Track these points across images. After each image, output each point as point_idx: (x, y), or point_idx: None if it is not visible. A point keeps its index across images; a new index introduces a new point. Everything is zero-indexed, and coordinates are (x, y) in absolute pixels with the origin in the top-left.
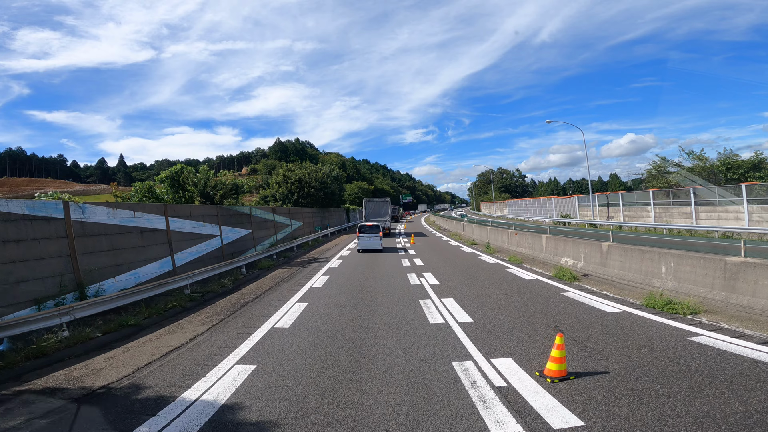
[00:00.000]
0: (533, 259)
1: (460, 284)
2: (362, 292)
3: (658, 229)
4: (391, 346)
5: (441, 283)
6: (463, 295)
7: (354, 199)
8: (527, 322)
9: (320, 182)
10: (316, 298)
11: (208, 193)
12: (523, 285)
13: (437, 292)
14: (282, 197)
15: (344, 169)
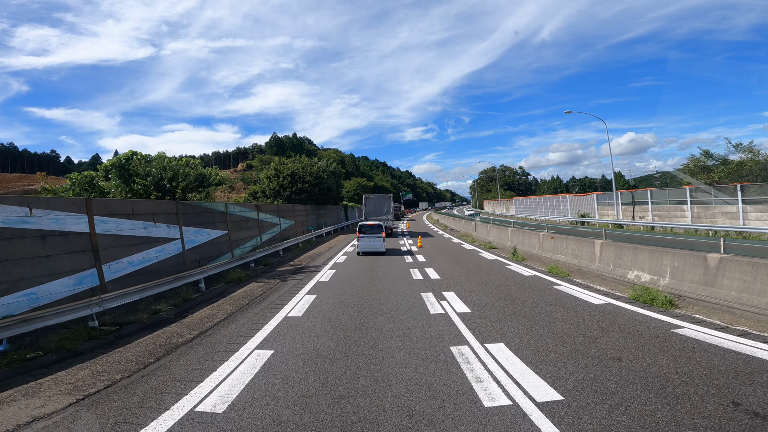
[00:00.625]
0: (583, 271)
1: (502, 312)
2: (359, 329)
3: (701, 230)
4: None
5: (474, 311)
6: (519, 339)
7: (353, 196)
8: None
9: (315, 177)
10: (287, 340)
11: (164, 185)
12: (605, 316)
13: (474, 328)
14: (273, 193)
15: (343, 165)
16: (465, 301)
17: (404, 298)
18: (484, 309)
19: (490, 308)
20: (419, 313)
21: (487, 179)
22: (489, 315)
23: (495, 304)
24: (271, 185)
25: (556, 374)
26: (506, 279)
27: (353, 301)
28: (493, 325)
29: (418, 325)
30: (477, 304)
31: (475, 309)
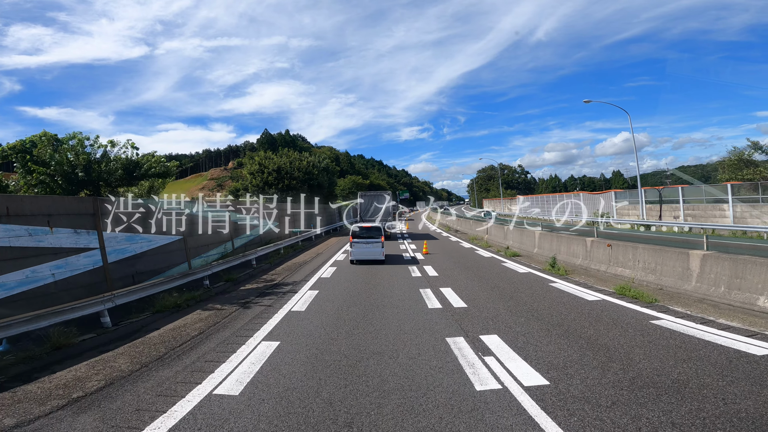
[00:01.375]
0: (671, 294)
1: (616, 394)
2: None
3: (749, 232)
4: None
5: (557, 383)
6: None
7: (347, 194)
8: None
9: (305, 173)
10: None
11: (76, 176)
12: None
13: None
14: (256, 190)
15: (338, 163)
16: (527, 358)
17: (423, 354)
18: (572, 380)
19: (582, 378)
20: (456, 394)
21: (486, 178)
22: (593, 397)
23: (586, 367)
24: (254, 182)
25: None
26: (567, 307)
27: (337, 358)
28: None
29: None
30: (551, 364)
31: (558, 378)
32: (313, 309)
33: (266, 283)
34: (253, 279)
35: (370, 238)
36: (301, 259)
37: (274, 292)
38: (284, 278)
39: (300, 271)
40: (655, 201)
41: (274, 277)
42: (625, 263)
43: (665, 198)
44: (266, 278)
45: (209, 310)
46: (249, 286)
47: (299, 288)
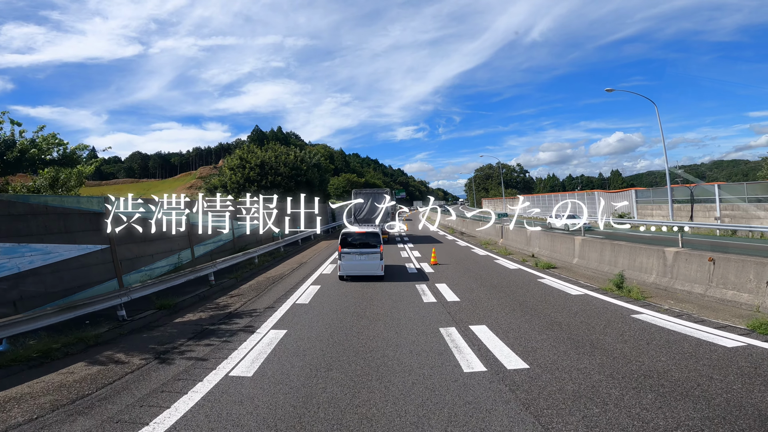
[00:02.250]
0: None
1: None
2: None
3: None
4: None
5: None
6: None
7: (342, 193)
8: None
9: (292, 168)
10: None
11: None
12: None
13: None
14: (236, 187)
15: (332, 161)
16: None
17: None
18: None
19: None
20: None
21: (484, 177)
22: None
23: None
24: (234, 177)
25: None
26: (706, 365)
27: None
28: None
29: None
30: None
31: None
32: (268, 374)
33: (216, 311)
34: (201, 304)
35: (364, 248)
36: (278, 272)
37: (221, 330)
38: (244, 304)
39: (270, 291)
40: (685, 200)
41: (232, 302)
42: (740, 285)
43: (697, 197)
44: (220, 303)
45: (97, 363)
46: (189, 317)
47: (259, 324)
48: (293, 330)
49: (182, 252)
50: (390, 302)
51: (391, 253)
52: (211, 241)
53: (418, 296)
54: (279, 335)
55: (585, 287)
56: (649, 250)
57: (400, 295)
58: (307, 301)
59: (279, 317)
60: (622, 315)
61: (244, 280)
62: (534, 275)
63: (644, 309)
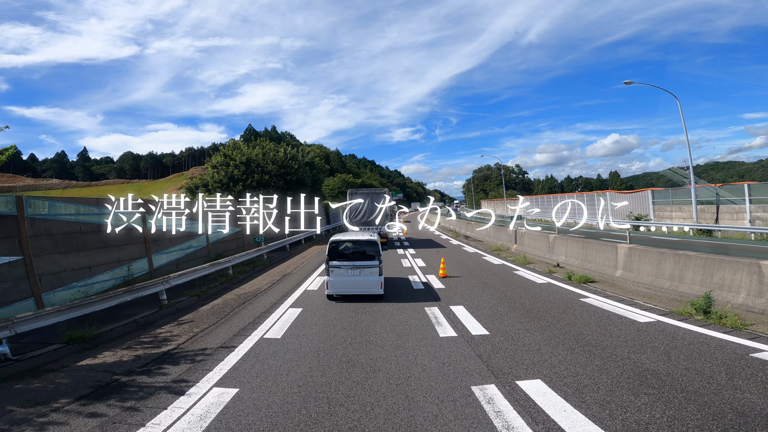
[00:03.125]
0: None
1: None
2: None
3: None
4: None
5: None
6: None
7: (337, 194)
8: None
9: (281, 166)
10: None
11: None
12: None
13: None
14: (219, 187)
15: (328, 161)
16: None
17: None
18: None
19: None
20: None
21: (482, 178)
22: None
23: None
24: (217, 176)
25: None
26: None
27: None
28: None
29: None
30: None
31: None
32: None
33: (148, 349)
34: (133, 336)
35: (359, 260)
36: (254, 287)
37: (134, 386)
38: (193, 338)
39: (235, 317)
40: (710, 201)
41: (177, 334)
42: None
43: (723, 198)
44: (160, 335)
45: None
46: (103, 358)
47: (199, 375)
48: (248, 390)
49: (135, 262)
50: (393, 337)
51: (391, 260)
52: (177, 248)
53: (430, 326)
54: (223, 400)
55: (650, 310)
56: (736, 263)
57: (407, 325)
58: (279, 335)
59: (233, 364)
60: (740, 355)
61: (208, 298)
62: (572, 292)
63: (762, 345)
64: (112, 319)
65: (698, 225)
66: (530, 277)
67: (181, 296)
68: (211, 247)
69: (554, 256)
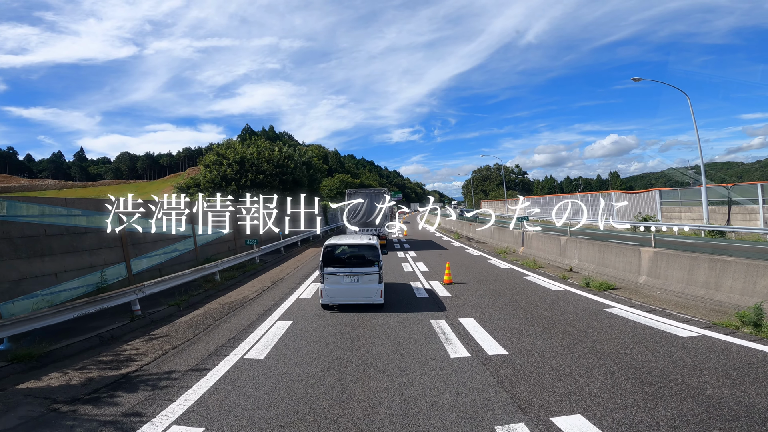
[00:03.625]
0: None
1: None
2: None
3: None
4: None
5: None
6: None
7: (336, 194)
8: None
9: (276, 165)
10: None
11: None
12: None
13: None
14: (211, 186)
15: (326, 161)
16: None
17: None
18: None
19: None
20: None
21: (481, 178)
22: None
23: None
24: (209, 176)
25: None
26: None
27: None
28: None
29: None
30: None
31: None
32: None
33: (105, 371)
34: (93, 353)
35: (357, 266)
36: (242, 294)
37: (75, 419)
38: (161, 357)
39: (216, 330)
40: (721, 202)
41: (144, 352)
42: None
43: (734, 198)
44: (123, 353)
45: None
46: (49, 380)
47: (157, 409)
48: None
49: (110, 268)
50: (396, 358)
51: (391, 264)
52: (161, 251)
53: (438, 344)
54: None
55: (688, 322)
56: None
57: (411, 343)
58: (262, 355)
59: (202, 393)
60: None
61: (189, 307)
62: (594, 301)
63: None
64: (75, 332)
65: (717, 226)
66: (543, 284)
67: (159, 306)
68: (200, 250)
69: (566, 260)
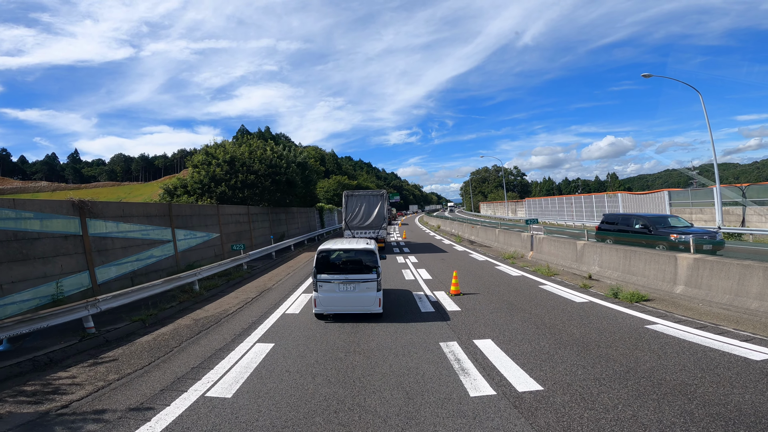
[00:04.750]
0: None
1: None
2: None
3: None
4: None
5: None
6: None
7: (332, 196)
8: None
9: (269, 166)
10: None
11: None
12: None
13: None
14: (199, 188)
15: (323, 163)
16: None
17: None
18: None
19: None
20: None
21: (480, 180)
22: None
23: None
24: (197, 176)
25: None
26: None
27: None
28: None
29: None
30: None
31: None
32: None
33: (19, 407)
34: (15, 382)
35: (353, 273)
36: (221, 307)
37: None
38: (101, 389)
39: (179, 356)
40: (735, 203)
41: (81, 382)
42: None
43: (749, 199)
44: (53, 384)
45: None
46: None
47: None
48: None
49: (69, 277)
50: (401, 397)
51: (391, 270)
52: (133, 258)
53: (453, 376)
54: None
55: (751, 340)
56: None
57: (419, 375)
58: (230, 392)
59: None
60: None
61: (156, 324)
62: (629, 316)
63: None
64: (11, 354)
65: (738, 228)
66: (563, 294)
67: (120, 322)
68: (182, 255)
69: (584, 267)
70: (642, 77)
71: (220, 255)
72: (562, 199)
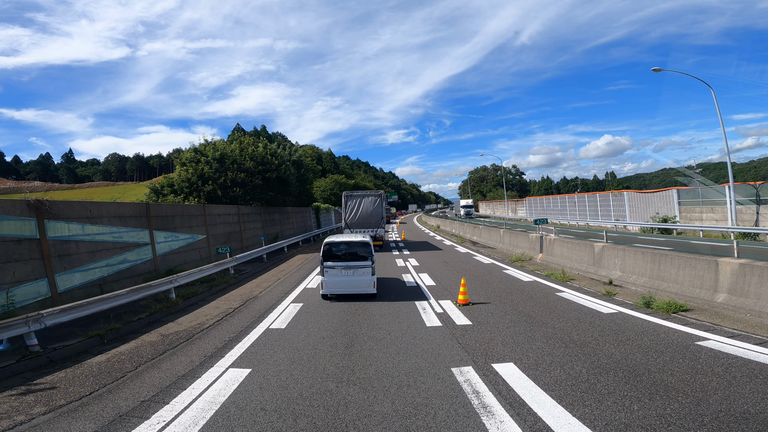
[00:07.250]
0: None
1: None
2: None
3: None
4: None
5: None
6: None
7: (329, 196)
8: None
9: (260, 163)
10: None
11: None
12: None
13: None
14: (187, 187)
15: (320, 162)
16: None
17: None
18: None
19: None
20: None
21: (478, 179)
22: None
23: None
24: (185, 174)
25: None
26: None
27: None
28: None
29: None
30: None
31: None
32: None
33: None
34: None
35: (352, 260)
36: (197, 320)
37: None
38: (13, 430)
39: (130, 383)
40: (749, 201)
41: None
42: None
43: (764, 198)
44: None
45: None
46: None
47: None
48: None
49: (23, 286)
50: None
51: (390, 274)
52: (103, 263)
53: (472, 417)
54: None
55: None
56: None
57: (430, 416)
58: None
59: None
60: None
61: (118, 339)
62: (673, 331)
63: None
64: None
65: (760, 228)
66: (585, 303)
67: (73, 338)
68: (161, 259)
69: (603, 271)
70: (663, 69)
71: (207, 258)
72: (564, 198)
